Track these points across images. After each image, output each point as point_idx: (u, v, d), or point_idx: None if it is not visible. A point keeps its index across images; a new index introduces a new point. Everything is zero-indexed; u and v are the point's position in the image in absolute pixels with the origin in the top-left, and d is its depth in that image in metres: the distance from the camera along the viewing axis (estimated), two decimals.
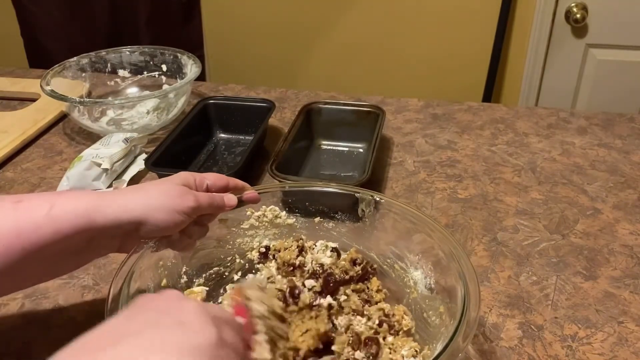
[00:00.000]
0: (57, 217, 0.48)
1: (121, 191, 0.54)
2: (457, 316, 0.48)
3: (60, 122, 1.08)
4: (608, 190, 0.86)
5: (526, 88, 1.79)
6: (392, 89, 1.87)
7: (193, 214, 0.55)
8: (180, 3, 1.72)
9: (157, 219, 0.52)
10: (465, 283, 0.51)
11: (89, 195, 0.51)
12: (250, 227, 0.66)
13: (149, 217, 0.52)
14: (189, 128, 0.95)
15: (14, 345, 0.61)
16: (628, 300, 0.66)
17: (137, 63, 1.15)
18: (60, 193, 0.51)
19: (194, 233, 0.59)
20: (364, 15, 1.80)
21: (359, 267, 0.60)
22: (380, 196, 0.64)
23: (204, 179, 0.59)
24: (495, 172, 0.91)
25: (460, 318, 0.48)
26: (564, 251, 0.74)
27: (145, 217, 0.52)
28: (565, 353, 0.59)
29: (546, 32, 1.69)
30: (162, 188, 0.54)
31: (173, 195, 0.53)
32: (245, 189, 0.63)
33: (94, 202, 0.50)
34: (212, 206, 0.57)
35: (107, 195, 0.51)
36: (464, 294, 0.50)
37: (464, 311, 0.48)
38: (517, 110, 1.11)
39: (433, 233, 0.58)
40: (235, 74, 1.96)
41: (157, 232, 0.54)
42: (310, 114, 0.98)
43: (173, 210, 0.53)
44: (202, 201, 0.56)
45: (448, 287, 0.54)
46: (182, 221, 0.54)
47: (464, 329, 0.47)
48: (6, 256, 0.46)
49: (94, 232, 0.50)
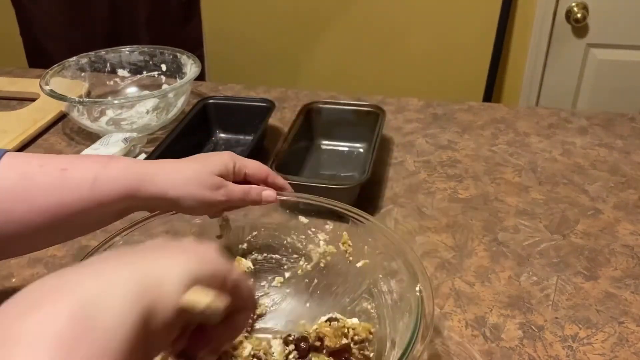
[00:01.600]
0: (100, 190, 0.51)
1: (164, 170, 0.55)
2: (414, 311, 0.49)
3: (59, 122, 1.08)
4: (609, 190, 0.86)
5: (527, 88, 1.79)
6: (393, 88, 1.87)
7: (222, 207, 0.58)
8: (179, 2, 1.71)
9: (187, 206, 0.55)
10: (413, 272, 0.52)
11: (132, 168, 0.53)
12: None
13: (180, 202, 0.54)
14: (189, 128, 0.95)
15: None
16: (629, 300, 0.66)
17: (137, 63, 1.14)
18: (106, 161, 0.53)
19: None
20: (364, 15, 1.80)
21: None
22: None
23: (244, 167, 0.59)
24: (496, 172, 0.91)
25: (417, 318, 0.48)
26: (564, 251, 0.73)
27: (178, 202, 0.54)
28: (565, 353, 0.59)
29: (547, 32, 1.69)
30: (197, 175, 0.55)
31: (205, 185, 0.55)
32: (285, 189, 0.62)
33: (136, 180, 0.52)
34: (244, 201, 0.58)
35: (150, 173, 0.53)
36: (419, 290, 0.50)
37: (419, 312, 0.48)
38: (518, 110, 1.11)
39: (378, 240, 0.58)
40: (235, 73, 1.96)
41: (187, 213, 0.58)
42: (310, 114, 0.98)
43: (202, 201, 0.55)
44: (233, 197, 0.56)
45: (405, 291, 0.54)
46: (211, 209, 0.57)
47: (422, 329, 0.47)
48: (50, 224, 0.50)
49: (133, 208, 0.55)
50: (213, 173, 0.55)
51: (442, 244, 0.75)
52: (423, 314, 0.48)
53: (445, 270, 0.70)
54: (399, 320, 0.53)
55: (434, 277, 0.69)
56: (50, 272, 0.70)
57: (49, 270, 0.70)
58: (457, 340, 0.61)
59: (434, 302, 0.65)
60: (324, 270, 0.64)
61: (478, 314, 0.64)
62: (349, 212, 0.60)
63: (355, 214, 0.60)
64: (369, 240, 0.60)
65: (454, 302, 0.66)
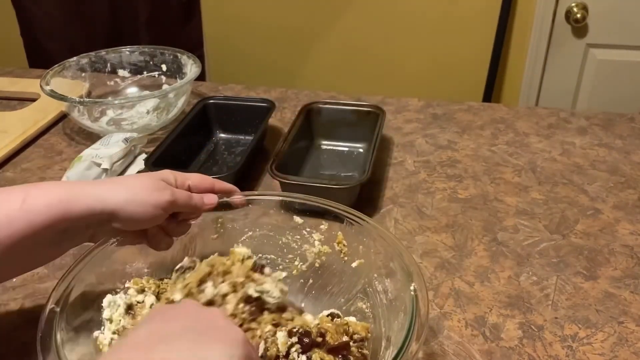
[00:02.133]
0: (31, 210, 0.48)
1: (97, 182, 0.53)
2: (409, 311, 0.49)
3: (60, 122, 1.08)
4: (608, 190, 0.86)
5: (526, 88, 1.79)
6: (392, 88, 1.87)
7: (169, 209, 0.54)
8: (180, 3, 1.72)
9: (130, 211, 0.51)
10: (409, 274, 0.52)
11: (63, 185, 0.51)
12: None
13: (122, 208, 0.51)
14: (189, 128, 0.95)
15: (14, 345, 0.61)
16: (628, 300, 0.66)
17: (137, 63, 1.15)
18: (35, 184, 0.51)
19: (173, 231, 0.58)
20: (365, 15, 1.80)
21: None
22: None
23: (186, 179, 0.58)
24: (496, 172, 0.91)
25: (411, 318, 0.48)
26: (564, 251, 0.74)
27: (119, 208, 0.51)
28: (565, 353, 0.59)
29: (546, 32, 1.69)
30: (139, 181, 0.53)
31: (149, 188, 0.53)
32: (233, 192, 0.62)
33: (68, 193, 0.49)
34: (189, 204, 0.57)
35: (82, 186, 0.51)
36: (414, 290, 0.51)
37: (414, 311, 0.49)
38: (518, 110, 1.11)
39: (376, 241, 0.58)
40: (235, 73, 1.96)
41: (130, 224, 0.53)
42: (310, 114, 0.98)
43: (148, 203, 0.52)
44: (179, 197, 0.55)
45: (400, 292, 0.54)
46: (155, 215, 0.53)
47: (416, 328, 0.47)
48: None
49: (68, 223, 0.49)
50: (157, 179, 0.55)
51: (442, 244, 0.75)
52: (418, 313, 0.49)
53: (445, 270, 0.71)
54: (394, 320, 0.53)
55: (433, 277, 0.70)
56: (50, 271, 0.70)
57: (48, 270, 0.70)
58: (456, 340, 0.61)
59: (434, 302, 0.66)
60: (319, 270, 0.64)
61: (478, 314, 0.64)
62: (344, 212, 0.61)
63: (351, 214, 0.60)
64: (364, 240, 0.60)
65: (454, 302, 0.66)
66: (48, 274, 0.70)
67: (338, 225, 0.62)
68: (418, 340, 0.46)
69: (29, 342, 0.61)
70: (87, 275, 0.54)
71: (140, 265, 0.61)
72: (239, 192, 0.63)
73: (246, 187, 0.87)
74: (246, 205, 0.63)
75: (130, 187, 0.52)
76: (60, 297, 0.50)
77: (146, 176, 0.55)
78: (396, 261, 0.55)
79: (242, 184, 0.87)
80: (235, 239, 0.65)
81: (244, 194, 0.63)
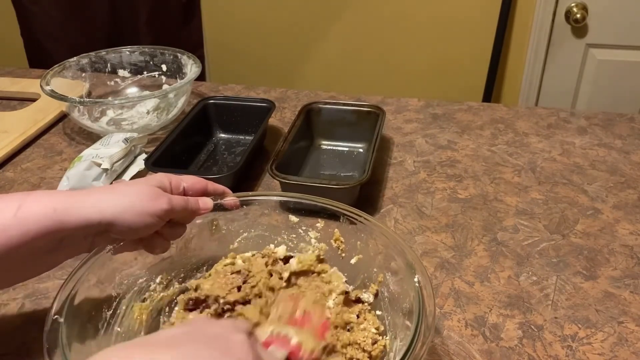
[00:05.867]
0: (25, 219, 0.47)
1: (93, 190, 0.53)
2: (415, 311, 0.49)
3: (60, 122, 1.08)
4: (608, 190, 0.86)
5: (526, 88, 1.79)
6: (392, 89, 1.87)
7: (165, 216, 0.54)
8: (180, 3, 1.72)
9: (128, 220, 0.51)
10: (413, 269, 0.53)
11: (59, 195, 0.50)
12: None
13: (119, 218, 0.51)
14: (189, 128, 0.95)
15: (14, 345, 0.61)
16: (628, 300, 0.66)
17: (137, 63, 1.15)
18: (30, 193, 0.50)
19: (168, 235, 0.58)
20: (364, 15, 1.80)
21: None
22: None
23: (180, 182, 0.58)
24: (495, 172, 0.91)
25: (418, 316, 0.48)
26: (564, 251, 0.74)
27: (116, 218, 0.51)
28: (565, 353, 0.59)
29: (546, 32, 1.69)
30: (135, 189, 0.53)
31: (145, 196, 0.52)
32: (226, 194, 0.62)
33: (64, 202, 0.49)
34: (186, 209, 0.57)
35: (78, 195, 0.51)
36: (419, 288, 0.51)
37: (420, 310, 0.49)
38: (517, 110, 1.11)
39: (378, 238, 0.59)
40: (235, 74, 1.96)
41: (128, 233, 0.53)
42: (310, 114, 0.98)
43: (144, 212, 0.52)
44: (176, 204, 0.55)
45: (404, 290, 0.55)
46: (153, 223, 0.53)
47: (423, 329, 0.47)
48: None
49: (64, 233, 0.49)
50: (152, 186, 0.54)
51: (442, 244, 0.75)
52: (423, 305, 0.49)
53: (445, 270, 0.71)
54: (398, 312, 0.55)
55: (433, 276, 0.70)
56: (50, 271, 0.70)
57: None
58: (456, 339, 0.61)
59: (434, 302, 0.66)
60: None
61: (477, 314, 0.64)
62: (340, 209, 0.61)
63: (349, 211, 0.61)
64: (362, 236, 0.60)
65: (454, 301, 0.66)
66: (48, 273, 0.69)
67: (335, 223, 0.62)
68: (427, 335, 0.47)
69: (29, 342, 0.61)
70: (89, 278, 0.53)
71: (140, 266, 0.61)
72: (231, 193, 0.63)
73: (246, 187, 0.87)
74: (239, 207, 0.63)
75: (126, 196, 0.52)
76: (63, 305, 0.49)
77: (142, 183, 0.55)
78: (399, 257, 0.55)
79: (242, 184, 0.87)
80: (231, 240, 0.65)
81: (237, 195, 0.64)
